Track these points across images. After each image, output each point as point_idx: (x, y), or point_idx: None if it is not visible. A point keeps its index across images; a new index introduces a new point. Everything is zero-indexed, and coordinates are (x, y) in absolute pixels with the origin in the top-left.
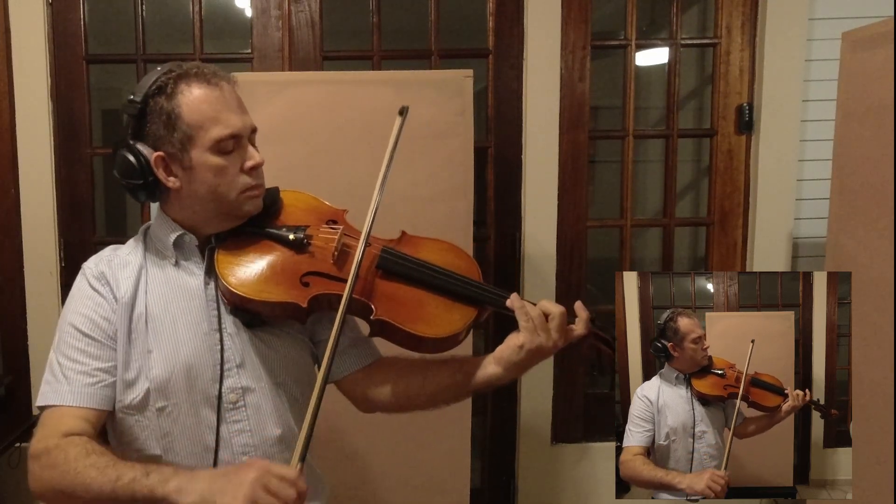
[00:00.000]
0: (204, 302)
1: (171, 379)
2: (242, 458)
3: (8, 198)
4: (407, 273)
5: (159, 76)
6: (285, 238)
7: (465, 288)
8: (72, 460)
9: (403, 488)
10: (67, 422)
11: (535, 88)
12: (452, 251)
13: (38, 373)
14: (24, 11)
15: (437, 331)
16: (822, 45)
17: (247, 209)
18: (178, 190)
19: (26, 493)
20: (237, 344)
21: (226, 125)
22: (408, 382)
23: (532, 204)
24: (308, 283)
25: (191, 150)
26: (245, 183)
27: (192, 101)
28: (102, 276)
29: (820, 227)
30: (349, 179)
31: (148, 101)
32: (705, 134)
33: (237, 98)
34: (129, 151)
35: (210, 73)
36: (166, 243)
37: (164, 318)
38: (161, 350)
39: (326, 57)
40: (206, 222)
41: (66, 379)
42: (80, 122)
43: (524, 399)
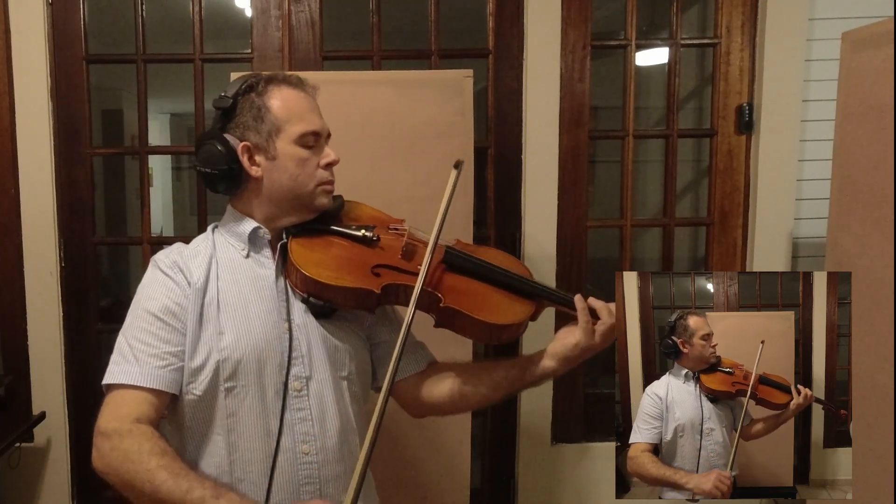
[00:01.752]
0: (274, 293)
1: (242, 360)
2: (302, 447)
3: (8, 198)
4: (471, 269)
5: (249, 77)
6: (355, 234)
7: (524, 284)
8: (146, 454)
9: (403, 488)
10: (136, 406)
11: (535, 88)
12: (505, 255)
13: (38, 373)
14: (24, 11)
15: (502, 318)
16: (822, 45)
17: (321, 202)
18: (259, 179)
19: (26, 493)
20: (304, 335)
21: (310, 122)
22: (462, 383)
23: (532, 204)
24: (379, 273)
25: (276, 141)
26: (322, 177)
27: (282, 98)
28: (175, 264)
29: (820, 227)
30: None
31: (238, 98)
32: (705, 134)
33: (317, 104)
34: (217, 140)
35: (297, 80)
36: (240, 235)
37: (236, 304)
38: (233, 332)
39: (326, 57)
40: (281, 214)
41: (136, 360)
42: (80, 122)
43: (524, 399)
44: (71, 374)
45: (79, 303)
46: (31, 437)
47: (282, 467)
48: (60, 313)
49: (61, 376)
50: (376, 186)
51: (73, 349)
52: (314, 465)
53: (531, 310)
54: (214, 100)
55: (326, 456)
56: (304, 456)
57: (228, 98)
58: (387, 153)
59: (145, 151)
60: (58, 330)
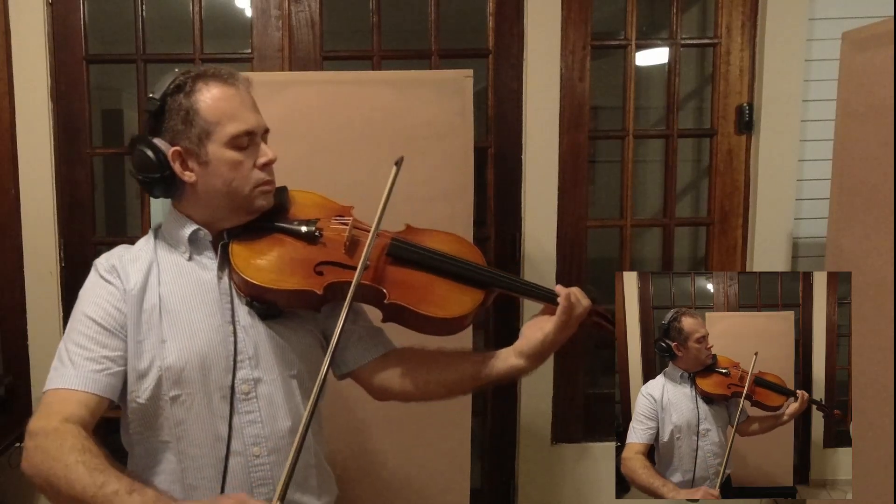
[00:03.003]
0: (217, 295)
1: (186, 368)
2: (253, 449)
3: (8, 198)
4: (416, 259)
5: (177, 76)
6: (297, 231)
7: (472, 271)
8: (66, 451)
9: (403, 488)
10: (69, 406)
11: (535, 88)
12: (456, 240)
13: (38, 373)
14: (24, 11)
15: (448, 312)
16: (822, 45)
17: (259, 204)
18: (194, 184)
19: (26, 493)
20: (250, 336)
21: (242, 122)
22: (426, 372)
23: (532, 204)
24: (322, 271)
25: (207, 144)
26: (259, 178)
27: (210, 99)
28: (113, 268)
29: (820, 227)
30: (349, 179)
31: (167, 99)
32: (705, 134)
33: (252, 98)
34: (147, 146)
35: (227, 74)
36: (180, 238)
37: (178, 309)
38: (176, 340)
39: (326, 57)
40: (219, 217)
41: (72, 364)
42: (80, 122)
43: (524, 399)
44: None
45: None
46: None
47: (234, 471)
48: (60, 313)
49: None
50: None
51: None
52: (266, 467)
53: (480, 298)
54: (141, 101)
55: (279, 456)
56: (255, 458)
57: (156, 100)
58: (387, 153)
59: None
60: (58, 330)
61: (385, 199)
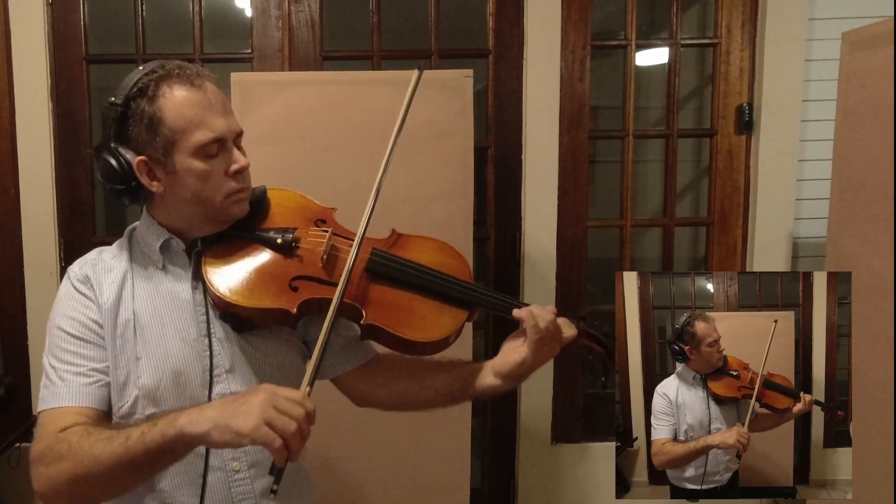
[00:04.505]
0: (192, 307)
1: (160, 386)
2: (232, 464)
3: (8, 198)
4: (397, 276)
5: (140, 77)
6: (273, 241)
7: (456, 289)
8: (75, 444)
9: (403, 488)
10: (65, 420)
11: (535, 88)
12: (443, 250)
13: (38, 373)
14: (24, 11)
15: (428, 335)
16: (822, 45)
17: (233, 213)
18: (163, 194)
19: (26, 493)
20: (227, 349)
21: (209, 129)
22: (405, 385)
23: (532, 204)
24: (297, 287)
25: (174, 154)
26: (230, 188)
27: (175, 105)
28: (87, 278)
29: (820, 227)
30: (349, 179)
31: (129, 104)
32: (705, 134)
33: (222, 99)
34: (111, 155)
35: (193, 74)
36: (153, 247)
37: (152, 325)
38: (150, 358)
39: (326, 57)
40: (191, 227)
41: (62, 381)
42: (80, 122)
43: (524, 399)
44: None
45: None
46: (31, 437)
47: (214, 486)
48: None
49: None
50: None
51: None
52: (247, 481)
53: (463, 318)
54: (104, 106)
55: (259, 470)
56: (235, 473)
57: (118, 106)
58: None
59: None
60: None
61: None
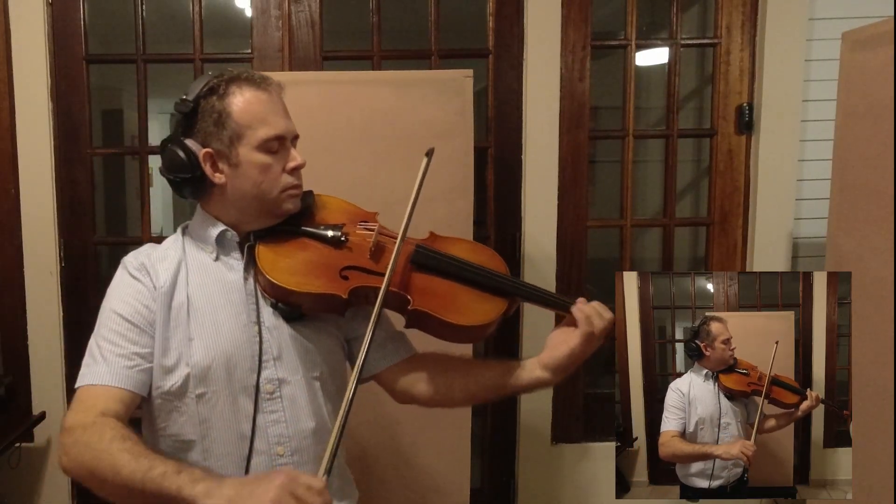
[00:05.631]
0: (243, 295)
1: (212, 367)
2: (277, 448)
3: (8, 198)
4: (440, 267)
5: (211, 79)
6: (323, 235)
7: (495, 280)
8: (106, 441)
9: (403, 488)
10: (103, 401)
11: (535, 88)
12: (480, 248)
13: (38, 373)
14: (24, 11)
15: (471, 319)
16: (822, 45)
17: (286, 207)
18: (223, 186)
19: (26, 493)
20: (275, 337)
21: (273, 126)
22: (448, 379)
23: (532, 204)
24: (347, 276)
25: (239, 147)
26: (287, 182)
27: (243, 102)
28: (142, 266)
29: (820, 227)
30: (349, 179)
31: (200, 101)
32: (705, 134)
33: (283, 104)
34: (179, 147)
35: (260, 78)
36: (208, 239)
37: (205, 309)
38: (202, 338)
39: (326, 57)
40: (247, 219)
41: (104, 360)
42: (80, 122)
43: (524, 399)
44: (71, 374)
45: (79, 303)
46: (31, 437)
47: (257, 469)
48: (60, 313)
49: (61, 376)
50: (376, 186)
51: (73, 349)
52: (289, 467)
53: (504, 307)
54: (176, 103)
55: (302, 457)
56: (279, 458)
57: (189, 102)
58: (387, 153)
59: (145, 151)
60: (58, 330)
61: (414, 198)
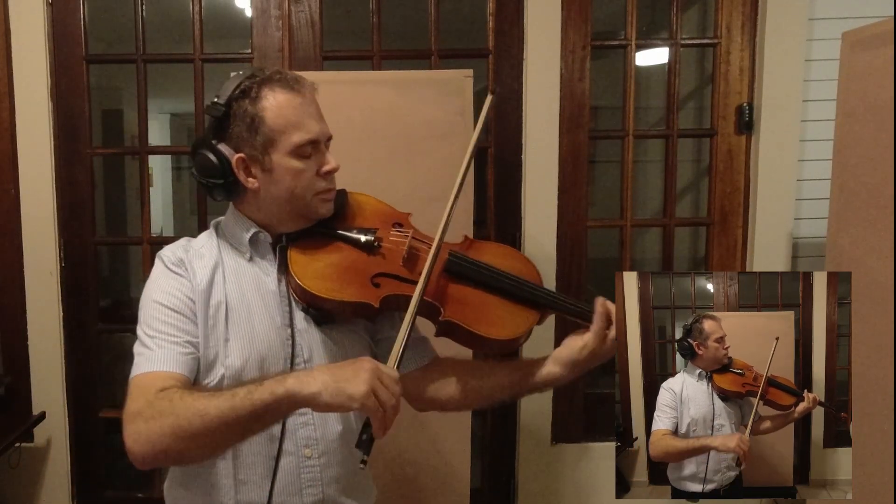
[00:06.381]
0: (277, 298)
1: (246, 368)
2: (304, 450)
3: (8, 198)
4: (474, 276)
5: (243, 80)
6: (356, 240)
7: (529, 292)
8: (178, 401)
9: (404, 488)
10: (161, 382)
11: (535, 88)
12: (514, 256)
13: (38, 373)
14: (24, 11)
15: (502, 333)
16: (822, 45)
17: (320, 211)
18: (256, 191)
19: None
20: (306, 340)
21: (307, 131)
22: (465, 382)
23: (532, 204)
24: (379, 283)
25: (272, 153)
26: (320, 186)
27: (276, 106)
28: (181, 261)
29: (820, 227)
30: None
31: (232, 104)
32: (705, 134)
33: (317, 105)
34: (211, 151)
35: (293, 80)
36: (242, 240)
37: (241, 310)
38: (238, 340)
39: (326, 57)
40: (279, 222)
41: (158, 348)
42: (80, 122)
43: (524, 399)
44: (71, 374)
45: (79, 303)
46: (31, 437)
47: (284, 469)
48: (60, 313)
49: (61, 376)
50: (376, 187)
51: (73, 349)
52: (317, 468)
53: (535, 319)
54: (207, 105)
55: (329, 459)
56: (306, 459)
57: (221, 106)
58: (387, 153)
59: (145, 151)
60: (58, 330)
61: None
